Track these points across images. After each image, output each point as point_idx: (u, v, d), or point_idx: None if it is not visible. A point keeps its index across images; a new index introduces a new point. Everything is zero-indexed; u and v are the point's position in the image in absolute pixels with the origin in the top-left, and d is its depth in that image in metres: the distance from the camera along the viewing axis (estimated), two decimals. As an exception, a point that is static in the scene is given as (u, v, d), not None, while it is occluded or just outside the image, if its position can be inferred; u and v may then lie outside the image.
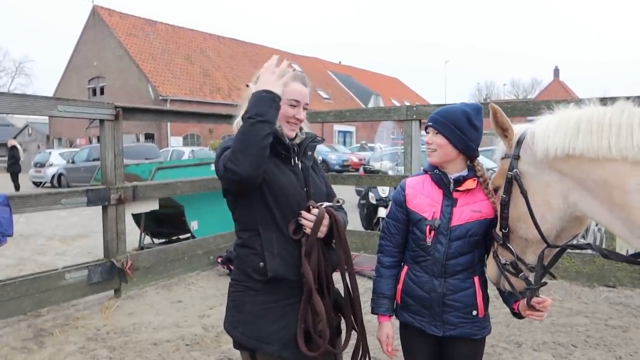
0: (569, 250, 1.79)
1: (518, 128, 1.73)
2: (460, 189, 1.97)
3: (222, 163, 1.72)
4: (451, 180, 1.98)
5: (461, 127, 1.95)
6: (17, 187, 18.15)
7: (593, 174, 1.47)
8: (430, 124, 2.01)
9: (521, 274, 1.77)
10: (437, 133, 1.97)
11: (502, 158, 1.77)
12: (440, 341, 2.03)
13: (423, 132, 2.93)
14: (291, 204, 1.87)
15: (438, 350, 2.06)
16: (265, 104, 1.71)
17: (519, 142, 1.67)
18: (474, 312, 1.98)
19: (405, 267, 2.07)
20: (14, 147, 19.10)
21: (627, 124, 1.40)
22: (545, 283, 1.80)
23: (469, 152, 1.99)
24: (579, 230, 1.71)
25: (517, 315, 1.94)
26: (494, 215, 1.93)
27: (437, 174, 2.01)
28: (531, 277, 1.77)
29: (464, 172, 2.00)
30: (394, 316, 2.11)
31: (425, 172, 2.09)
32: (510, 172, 1.68)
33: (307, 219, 1.85)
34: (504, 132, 1.70)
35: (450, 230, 1.95)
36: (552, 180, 1.59)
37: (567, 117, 1.54)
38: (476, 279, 2.00)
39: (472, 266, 1.99)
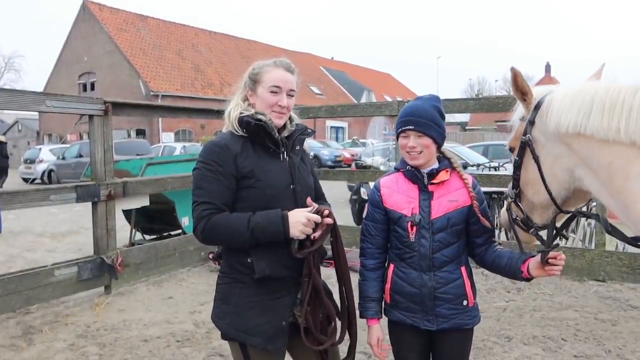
0: (560, 245, 1.82)
1: (538, 91, 1.71)
2: (435, 181, 1.98)
3: (200, 227, 1.83)
4: (424, 175, 1.98)
5: (438, 122, 1.97)
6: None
7: (599, 154, 1.45)
8: (411, 127, 1.94)
9: (532, 230, 1.83)
10: (420, 135, 1.94)
11: (520, 119, 1.77)
12: (431, 335, 2.04)
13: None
14: (277, 202, 1.84)
15: (429, 343, 2.07)
16: (270, 236, 1.77)
17: (537, 108, 1.66)
18: (464, 302, 2.00)
19: (392, 266, 2.06)
20: None
21: (639, 106, 1.35)
22: (558, 245, 1.84)
23: (442, 143, 2.01)
24: (584, 201, 1.75)
25: (527, 279, 1.93)
26: (470, 203, 1.98)
27: (410, 170, 2.01)
28: (542, 233, 1.82)
29: (435, 165, 2.01)
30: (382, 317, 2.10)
31: (397, 169, 2.09)
32: (524, 137, 1.69)
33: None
34: (524, 95, 1.69)
35: (432, 223, 1.96)
36: (561, 154, 1.59)
37: (585, 91, 1.51)
38: (463, 269, 2.02)
39: (458, 257, 2.01)
